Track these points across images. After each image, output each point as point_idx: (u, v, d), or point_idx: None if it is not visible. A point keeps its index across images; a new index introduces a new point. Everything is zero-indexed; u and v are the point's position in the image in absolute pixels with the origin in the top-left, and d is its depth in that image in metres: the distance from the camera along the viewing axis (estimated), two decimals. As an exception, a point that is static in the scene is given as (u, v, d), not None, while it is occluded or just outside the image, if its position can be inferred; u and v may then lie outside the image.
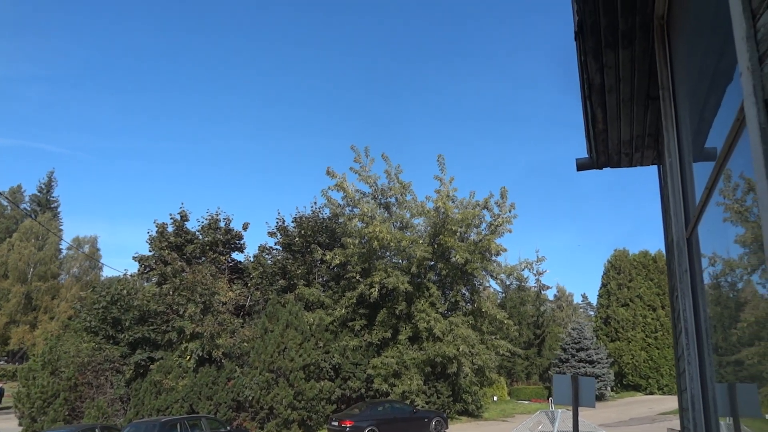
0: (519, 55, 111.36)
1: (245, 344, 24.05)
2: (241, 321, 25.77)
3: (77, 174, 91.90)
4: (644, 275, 48.38)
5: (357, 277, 26.72)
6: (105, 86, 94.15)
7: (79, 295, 39.85)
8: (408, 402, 23.88)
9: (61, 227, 59.37)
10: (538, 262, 31.00)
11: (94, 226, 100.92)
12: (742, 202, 2.23)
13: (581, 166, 5.90)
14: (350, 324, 26.61)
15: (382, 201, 28.17)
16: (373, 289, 25.05)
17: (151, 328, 24.04)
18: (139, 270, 27.62)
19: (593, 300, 68.35)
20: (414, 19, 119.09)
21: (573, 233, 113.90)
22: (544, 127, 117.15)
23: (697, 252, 2.98)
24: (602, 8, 3.36)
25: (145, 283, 27.89)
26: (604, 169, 5.91)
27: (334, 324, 26.24)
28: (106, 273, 69.50)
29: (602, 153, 5.40)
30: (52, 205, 61.27)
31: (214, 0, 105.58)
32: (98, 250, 58.55)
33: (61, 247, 54.80)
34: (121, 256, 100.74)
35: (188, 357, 23.09)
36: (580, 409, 8.70)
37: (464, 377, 26.10)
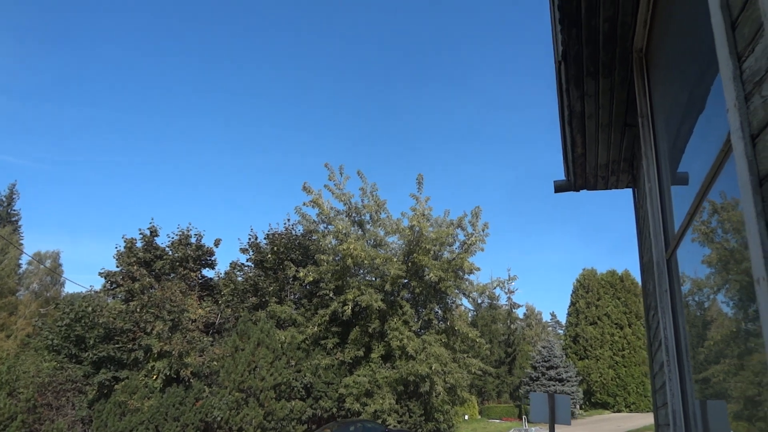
0: (496, 78, 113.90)
1: (215, 363, 23.51)
2: (210, 339, 25.20)
3: (40, 187, 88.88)
4: (612, 294, 49.53)
5: (330, 295, 26.52)
6: (71, 98, 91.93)
7: (39, 312, 38.37)
8: (380, 421, 23.66)
9: (21, 241, 57.31)
10: (509, 281, 31.49)
11: (57, 241, 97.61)
12: (711, 226, 2.40)
13: (559, 188, 6.10)
14: (323, 342, 26.33)
15: (356, 218, 28.17)
16: (346, 307, 24.90)
17: (116, 346, 23.28)
18: (104, 286, 26.78)
19: (562, 318, 69.53)
20: (392, 44, 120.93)
21: (541, 252, 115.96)
22: (519, 148, 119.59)
23: (677, 273, 3.13)
24: (585, 39, 3.55)
25: (110, 300, 27.04)
26: (581, 191, 6.14)
27: (306, 342, 25.92)
28: (69, 289, 67.04)
29: (580, 176, 5.61)
30: (13, 219, 59.12)
31: (189, 17, 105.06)
32: (60, 265, 56.69)
33: (20, 262, 52.81)
34: (85, 273, 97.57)
35: (155, 376, 22.43)
36: (556, 427, 8.81)
37: (436, 396, 26.04)
